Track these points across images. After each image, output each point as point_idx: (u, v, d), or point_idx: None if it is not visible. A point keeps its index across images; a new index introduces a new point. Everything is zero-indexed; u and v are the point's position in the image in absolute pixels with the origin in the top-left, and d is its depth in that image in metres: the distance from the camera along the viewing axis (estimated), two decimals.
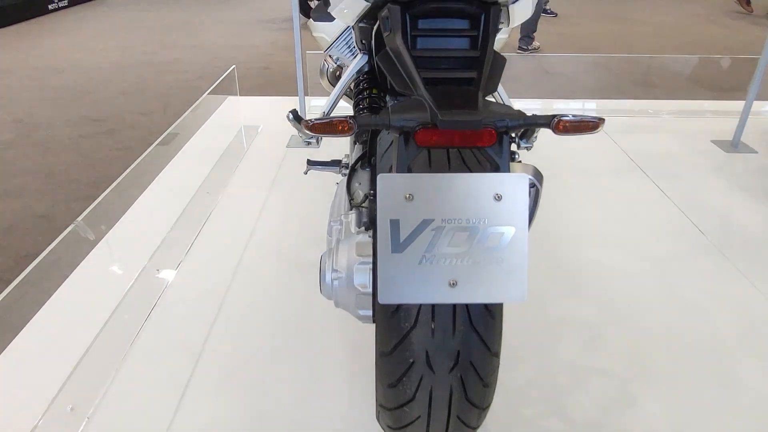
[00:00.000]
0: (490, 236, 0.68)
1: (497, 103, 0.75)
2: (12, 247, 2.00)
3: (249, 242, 1.83)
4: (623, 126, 2.85)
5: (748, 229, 1.94)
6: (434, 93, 0.69)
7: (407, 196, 0.68)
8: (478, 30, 0.77)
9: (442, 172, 0.70)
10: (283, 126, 2.79)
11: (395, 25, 0.77)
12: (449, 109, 0.66)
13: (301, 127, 1.28)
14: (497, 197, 0.68)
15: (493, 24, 0.77)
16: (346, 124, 0.68)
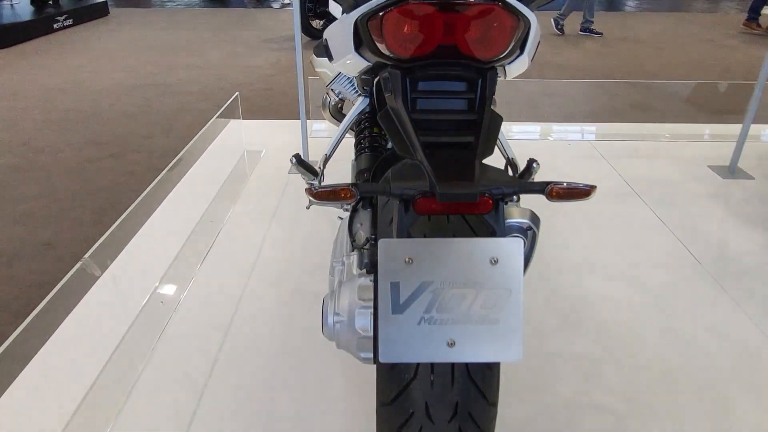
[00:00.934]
0: (486, 298, 0.71)
1: (493, 169, 0.78)
2: (18, 275, 2.03)
3: (252, 272, 1.86)
4: (621, 150, 2.88)
5: (743, 259, 1.97)
6: (433, 161, 0.73)
7: (407, 260, 0.71)
8: (475, 93, 0.81)
9: (440, 237, 0.73)
10: (285, 151, 2.82)
11: (396, 89, 0.80)
12: (447, 180, 0.69)
13: (303, 170, 1.31)
14: (493, 261, 0.71)
15: (489, 88, 0.81)
16: (348, 192, 0.71)
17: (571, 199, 0.75)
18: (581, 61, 5.22)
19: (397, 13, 0.75)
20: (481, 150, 0.77)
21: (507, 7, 0.76)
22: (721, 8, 9.23)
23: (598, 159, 2.78)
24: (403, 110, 0.79)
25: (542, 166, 2.68)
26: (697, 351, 1.55)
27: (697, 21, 7.68)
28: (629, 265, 1.93)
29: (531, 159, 1.21)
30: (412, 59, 0.79)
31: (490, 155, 0.78)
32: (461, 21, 0.75)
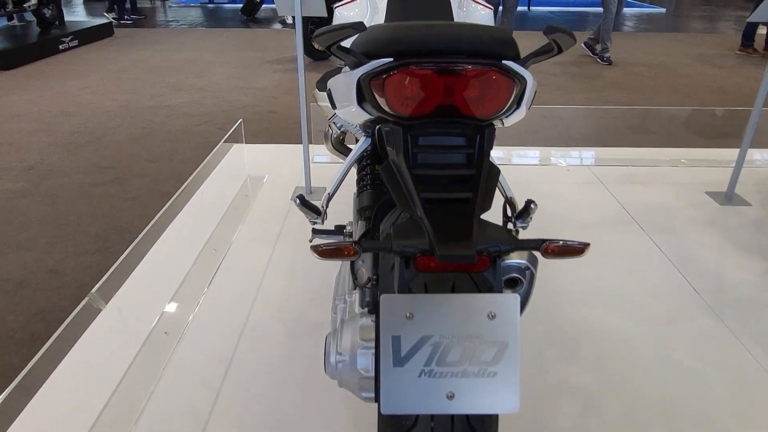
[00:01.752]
0: (484, 352, 0.74)
1: (491, 225, 0.81)
2: (23, 303, 2.05)
3: (254, 302, 1.88)
4: (619, 176, 2.92)
5: (740, 289, 1.99)
6: (432, 218, 0.76)
7: (408, 315, 0.74)
8: (473, 148, 0.84)
9: (440, 290, 0.76)
10: (287, 176, 2.86)
11: (397, 145, 0.83)
12: (446, 241, 0.72)
13: (307, 210, 1.34)
14: (491, 315, 0.74)
15: (487, 143, 0.84)
16: (351, 249, 0.74)
17: (565, 256, 0.77)
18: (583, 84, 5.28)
19: (399, 75, 0.78)
20: (480, 206, 0.80)
21: (504, 70, 0.80)
22: (718, 28, 9.34)
23: (597, 185, 2.81)
24: (404, 166, 0.82)
25: (542, 192, 2.71)
26: (695, 383, 1.57)
27: (695, 42, 7.77)
28: (628, 294, 1.96)
29: (529, 200, 1.24)
30: (413, 117, 0.82)
31: (488, 210, 0.81)
32: (460, 83, 0.78)
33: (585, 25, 9.44)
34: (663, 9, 11.61)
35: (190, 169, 3.20)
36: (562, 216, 2.50)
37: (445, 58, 0.77)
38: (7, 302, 2.06)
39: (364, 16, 1.68)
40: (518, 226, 1.31)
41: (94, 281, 2.18)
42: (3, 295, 2.09)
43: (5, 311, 2.01)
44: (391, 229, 0.78)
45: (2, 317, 1.98)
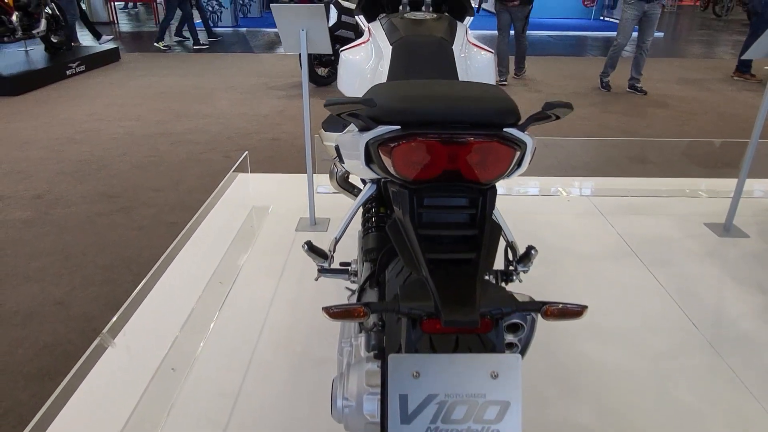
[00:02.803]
0: (488, 410, 0.77)
1: (493, 286, 0.84)
2: (31, 337, 2.08)
3: (260, 337, 1.91)
4: (619, 206, 2.96)
5: (740, 324, 2.01)
6: (437, 281, 0.79)
7: (414, 374, 0.77)
8: (476, 209, 0.88)
9: (444, 349, 0.79)
10: (292, 207, 2.90)
11: (404, 207, 0.88)
12: (451, 306, 0.76)
13: (314, 255, 1.38)
14: (493, 375, 0.77)
15: (489, 205, 0.88)
16: (361, 311, 0.78)
17: (564, 318, 0.81)
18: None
19: (406, 144, 0.83)
20: (482, 267, 0.83)
21: (505, 139, 0.84)
22: (715, 53, 9.46)
23: (597, 216, 2.85)
24: (410, 227, 0.86)
25: (542, 223, 2.75)
26: (695, 422, 1.58)
27: (693, 67, 7.88)
28: (628, 328, 1.98)
29: (530, 246, 1.28)
30: (418, 181, 0.86)
31: (491, 269, 0.84)
32: (464, 151, 0.82)
33: (584, 50, 9.57)
34: (661, 33, 11.77)
35: (195, 198, 3.25)
36: (562, 247, 2.53)
37: (450, 130, 0.81)
38: (16, 335, 2.08)
39: (369, 60, 1.74)
40: (519, 270, 1.35)
41: (101, 313, 2.21)
42: (12, 328, 2.12)
43: (14, 345, 2.04)
44: (398, 290, 0.82)
45: (11, 351, 2.01)
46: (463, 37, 1.71)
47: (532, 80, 6.68)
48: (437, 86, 0.92)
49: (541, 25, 11.86)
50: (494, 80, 1.79)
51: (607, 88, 6.06)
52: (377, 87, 1.02)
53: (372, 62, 1.70)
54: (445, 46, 1.54)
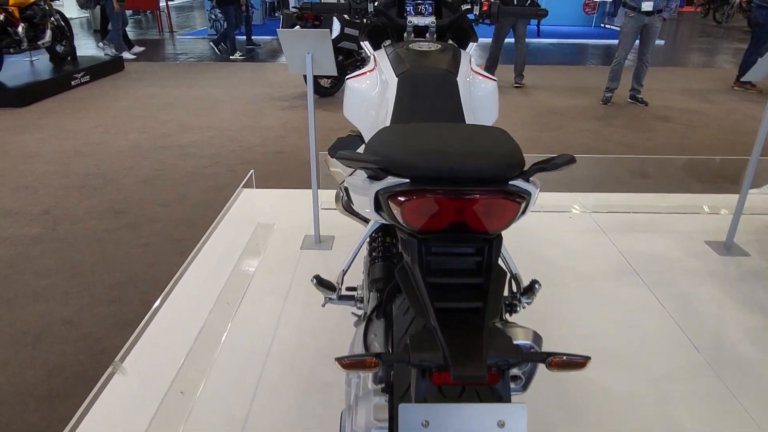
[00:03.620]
0: None
1: (499, 335, 0.87)
2: (41, 357, 2.11)
3: (267, 360, 1.94)
4: (620, 223, 2.99)
5: (739, 346, 2.04)
6: (446, 333, 0.83)
7: (424, 423, 0.80)
8: (482, 257, 0.91)
9: (452, 399, 0.82)
10: (296, 224, 2.93)
11: (412, 255, 0.91)
12: (460, 360, 0.79)
13: (323, 288, 1.41)
14: (500, 424, 0.80)
15: (495, 253, 0.91)
16: (372, 363, 0.81)
17: (568, 369, 0.84)
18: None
19: (415, 198, 0.86)
20: (489, 315, 0.86)
21: (511, 192, 0.87)
22: (716, 62, 9.50)
23: (598, 233, 2.88)
24: (418, 275, 0.89)
25: (543, 241, 2.78)
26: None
27: (695, 77, 7.91)
28: (629, 351, 2.01)
29: (534, 280, 1.31)
30: (426, 231, 0.90)
31: (497, 317, 0.87)
32: (471, 205, 0.86)
33: (585, 58, 9.61)
34: (662, 41, 11.82)
35: (201, 214, 3.28)
36: (564, 266, 2.56)
37: (457, 186, 0.85)
38: (25, 356, 2.12)
39: (374, 88, 1.77)
40: (523, 302, 1.38)
41: (109, 334, 2.24)
42: (22, 348, 2.16)
43: (25, 366, 2.07)
44: (408, 339, 0.85)
45: (22, 372, 2.04)
46: (467, 66, 1.74)
47: (533, 88, 6.71)
48: (445, 136, 0.95)
49: (542, 33, 11.92)
50: (497, 107, 1.82)
51: (607, 101, 6.08)
52: (385, 132, 1.05)
53: (377, 91, 1.74)
54: (450, 79, 1.58)
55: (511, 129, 5.09)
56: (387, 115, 1.57)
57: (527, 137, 4.84)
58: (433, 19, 1.93)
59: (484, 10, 1.90)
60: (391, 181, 0.89)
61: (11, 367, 2.06)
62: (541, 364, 0.88)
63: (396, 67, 1.65)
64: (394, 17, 1.95)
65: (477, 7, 1.90)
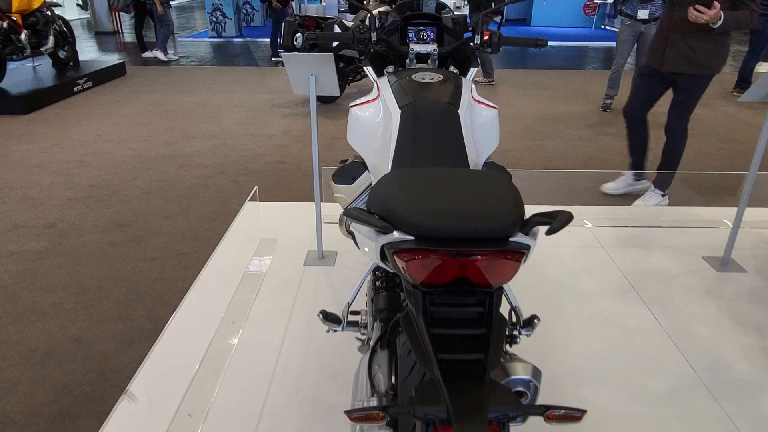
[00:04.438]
0: None
1: (500, 389, 0.91)
2: (51, 377, 2.15)
3: (272, 382, 1.98)
4: (620, 238, 3.03)
5: (735, 367, 2.08)
6: (449, 385, 0.87)
7: None
8: (484, 309, 0.96)
9: None
10: (300, 239, 2.97)
11: (417, 307, 0.95)
12: (462, 415, 0.83)
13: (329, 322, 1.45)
14: None
15: (496, 305, 0.96)
16: (380, 415, 0.85)
17: (565, 422, 0.88)
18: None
19: (420, 255, 0.90)
20: (490, 367, 0.91)
21: (512, 251, 0.91)
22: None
23: (598, 249, 2.92)
24: (422, 326, 0.94)
25: (543, 257, 2.82)
26: None
27: None
28: (626, 371, 2.05)
29: (533, 315, 1.36)
30: (430, 285, 0.94)
31: (497, 366, 0.91)
32: (473, 263, 0.90)
33: (585, 62, 9.63)
34: None
35: (205, 227, 3.32)
36: (563, 284, 2.60)
37: (460, 247, 0.89)
38: (35, 375, 2.16)
39: (377, 116, 1.81)
40: (523, 334, 1.42)
41: (117, 352, 2.28)
42: (32, 367, 2.20)
43: (35, 385, 2.11)
44: (414, 392, 0.89)
45: (32, 392, 2.08)
46: (468, 96, 1.78)
47: (533, 94, 6.75)
48: (449, 190, 0.98)
49: (542, 35, 11.93)
50: (498, 134, 1.86)
51: (607, 108, 6.12)
52: (389, 182, 1.08)
53: (380, 120, 1.78)
54: (452, 112, 1.61)
55: (511, 137, 5.13)
56: (390, 148, 1.61)
57: (526, 146, 4.88)
58: (434, 47, 1.97)
59: (485, 40, 1.94)
60: (396, 237, 0.93)
61: (22, 386, 2.10)
62: None
63: (399, 99, 1.68)
64: (396, 45, 1.99)
65: (478, 36, 1.94)
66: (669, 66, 3.15)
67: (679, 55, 3.09)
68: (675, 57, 3.10)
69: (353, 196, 1.93)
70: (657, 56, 3.18)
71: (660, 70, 3.20)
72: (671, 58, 3.12)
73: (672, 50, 3.10)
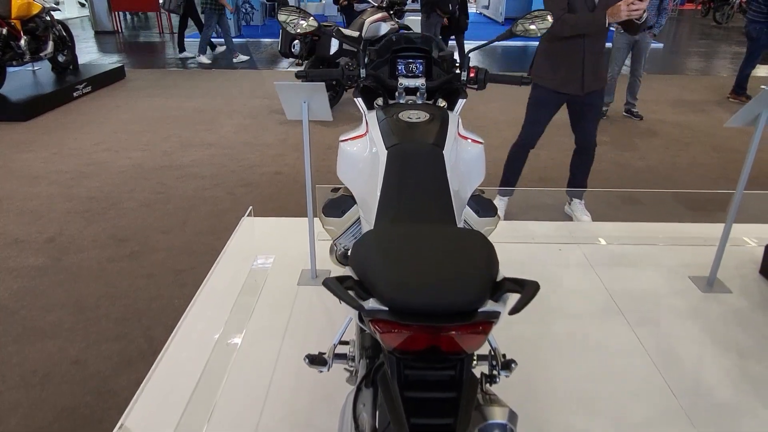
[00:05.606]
0: None
1: None
2: (50, 399, 2.22)
3: (264, 405, 2.04)
4: (608, 257, 3.08)
5: (716, 392, 2.14)
6: None
7: None
8: (455, 372, 1.01)
9: None
10: (294, 257, 3.03)
11: (392, 370, 1.01)
12: None
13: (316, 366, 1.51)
14: None
15: (467, 369, 1.01)
16: None
17: None
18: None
19: (393, 331, 0.95)
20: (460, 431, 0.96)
21: (482, 322, 0.96)
22: (714, 68, 9.55)
23: (586, 268, 2.98)
24: (396, 390, 0.99)
25: (532, 276, 2.87)
26: None
27: (691, 86, 7.96)
28: (609, 396, 2.11)
29: (510, 359, 1.41)
30: (404, 351, 0.99)
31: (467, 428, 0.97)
32: (444, 334, 0.95)
33: None
34: (661, 44, 11.85)
35: (201, 242, 3.38)
36: (552, 305, 2.65)
37: (431, 322, 0.94)
38: (35, 397, 2.22)
39: (365, 151, 1.86)
40: (502, 375, 1.48)
41: (115, 373, 2.35)
42: (31, 389, 2.26)
43: (34, 407, 2.17)
44: None
45: (32, 414, 2.14)
46: (454, 133, 1.83)
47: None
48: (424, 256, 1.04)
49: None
50: (483, 169, 1.91)
51: (602, 116, 6.16)
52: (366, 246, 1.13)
53: (368, 156, 1.83)
54: (436, 154, 1.67)
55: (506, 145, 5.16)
56: (377, 183, 1.67)
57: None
58: (423, 81, 2.02)
59: (471, 77, 1.99)
60: (372, 305, 0.99)
61: (22, 408, 2.17)
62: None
63: (386, 138, 1.73)
64: (385, 80, 2.04)
65: (465, 73, 1.98)
66: (589, 87, 3.28)
67: (594, 74, 3.26)
68: (592, 77, 3.26)
69: (342, 228, 1.99)
70: (576, 82, 3.27)
71: (580, 94, 3.29)
72: (590, 78, 3.26)
73: (589, 71, 3.24)
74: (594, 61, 3.24)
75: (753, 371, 2.25)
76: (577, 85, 3.26)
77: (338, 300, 2.05)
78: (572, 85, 3.27)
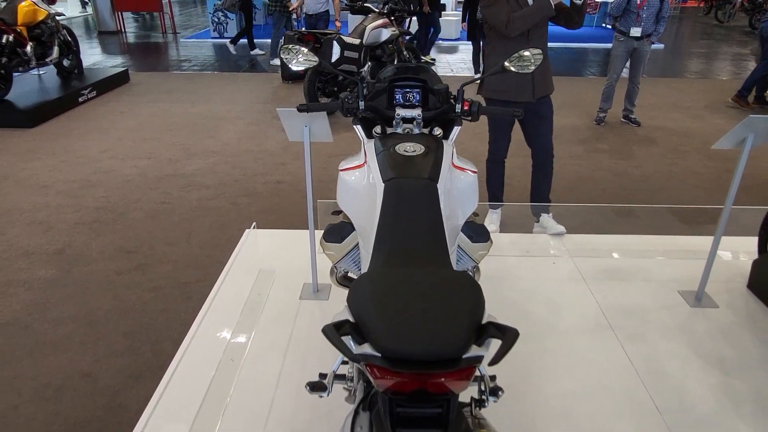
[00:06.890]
0: None
1: None
2: (64, 412, 2.32)
3: (267, 422, 2.15)
4: (601, 270, 3.17)
5: (699, 408, 2.24)
6: None
7: None
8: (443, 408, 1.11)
9: None
10: (296, 270, 3.13)
11: (384, 406, 1.11)
12: None
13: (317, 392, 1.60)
14: None
15: (453, 407, 1.11)
16: None
17: None
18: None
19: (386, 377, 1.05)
20: None
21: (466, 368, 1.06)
22: (714, 70, 9.59)
23: (579, 282, 3.07)
24: (388, 427, 1.09)
25: (525, 291, 2.97)
26: None
27: (689, 90, 8.01)
28: (596, 413, 2.21)
29: (498, 386, 1.51)
30: (395, 392, 1.09)
31: None
32: (432, 380, 1.05)
33: (584, 66, 9.69)
34: (662, 45, 11.89)
35: (206, 254, 3.48)
36: (544, 321, 2.75)
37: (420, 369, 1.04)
38: (49, 411, 2.33)
39: (363, 182, 1.96)
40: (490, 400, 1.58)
41: (125, 387, 2.45)
42: (45, 403, 2.37)
43: (48, 422, 2.28)
44: None
45: (47, 428, 2.25)
46: (448, 164, 1.92)
47: None
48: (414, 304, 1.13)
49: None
50: (476, 197, 2.01)
51: (600, 122, 6.23)
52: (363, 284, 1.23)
53: (366, 185, 1.93)
54: (431, 188, 1.76)
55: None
56: (374, 216, 1.76)
57: (518, 165, 5.00)
58: (419, 111, 2.11)
59: (465, 109, 2.08)
60: (366, 350, 1.09)
61: (36, 422, 2.28)
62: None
63: (383, 171, 1.83)
64: (383, 110, 2.13)
65: (459, 105, 2.07)
66: (539, 92, 3.34)
67: (543, 80, 3.33)
68: (541, 82, 3.33)
69: (342, 253, 2.09)
70: (527, 89, 3.31)
71: (532, 101, 3.33)
72: (540, 84, 3.32)
73: (538, 78, 3.30)
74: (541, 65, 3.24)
75: (735, 388, 2.35)
76: (528, 92, 3.31)
77: None
78: (524, 92, 3.32)
